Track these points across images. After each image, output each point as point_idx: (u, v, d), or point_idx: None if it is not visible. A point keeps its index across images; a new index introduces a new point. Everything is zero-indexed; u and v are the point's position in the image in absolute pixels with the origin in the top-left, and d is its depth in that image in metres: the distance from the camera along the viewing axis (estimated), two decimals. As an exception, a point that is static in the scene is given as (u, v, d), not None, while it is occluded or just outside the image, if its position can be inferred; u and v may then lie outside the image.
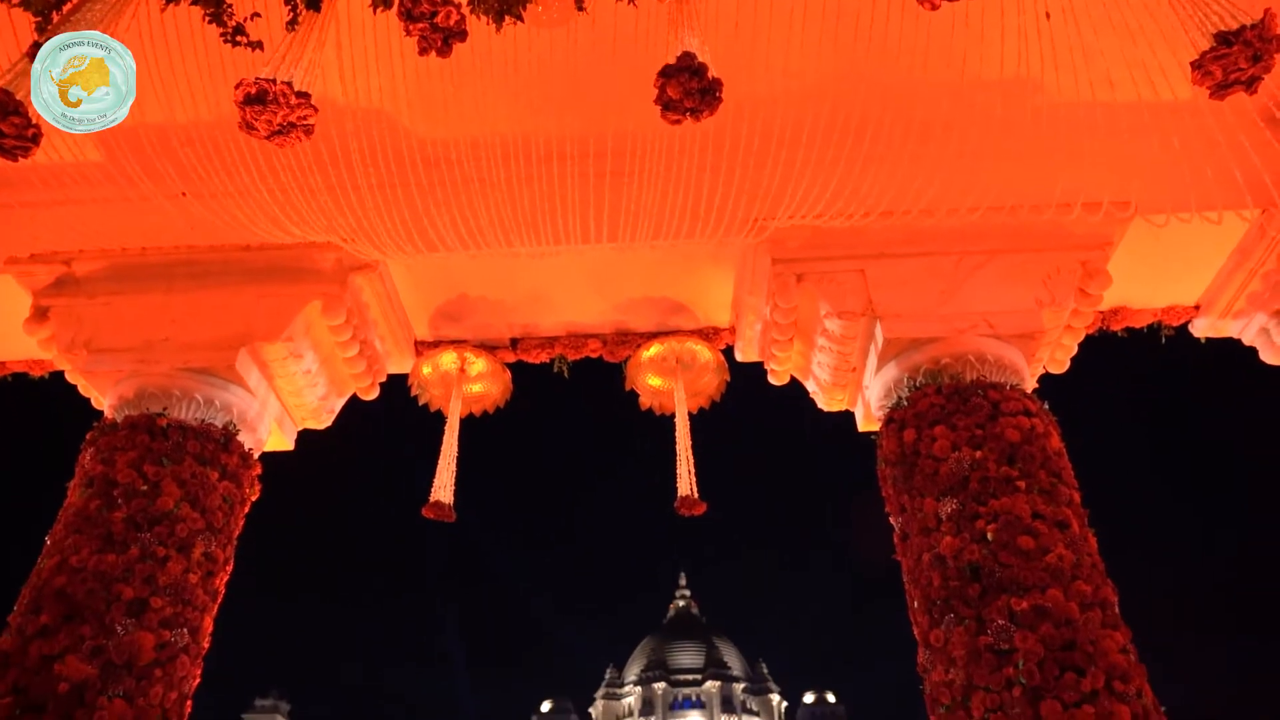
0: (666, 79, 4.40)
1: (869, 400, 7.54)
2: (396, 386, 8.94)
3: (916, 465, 6.41)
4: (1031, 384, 7.16)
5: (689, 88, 4.37)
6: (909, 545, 6.31)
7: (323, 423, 8.49)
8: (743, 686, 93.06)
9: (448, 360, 8.86)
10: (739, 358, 8.77)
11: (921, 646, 6.02)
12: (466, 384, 8.98)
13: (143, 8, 4.98)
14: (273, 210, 6.38)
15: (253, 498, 7.40)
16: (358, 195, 6.70)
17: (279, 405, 7.97)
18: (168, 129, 6.15)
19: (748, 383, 9.01)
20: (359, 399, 8.65)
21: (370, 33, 5.78)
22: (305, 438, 8.61)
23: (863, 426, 8.05)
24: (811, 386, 8.26)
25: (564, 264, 7.99)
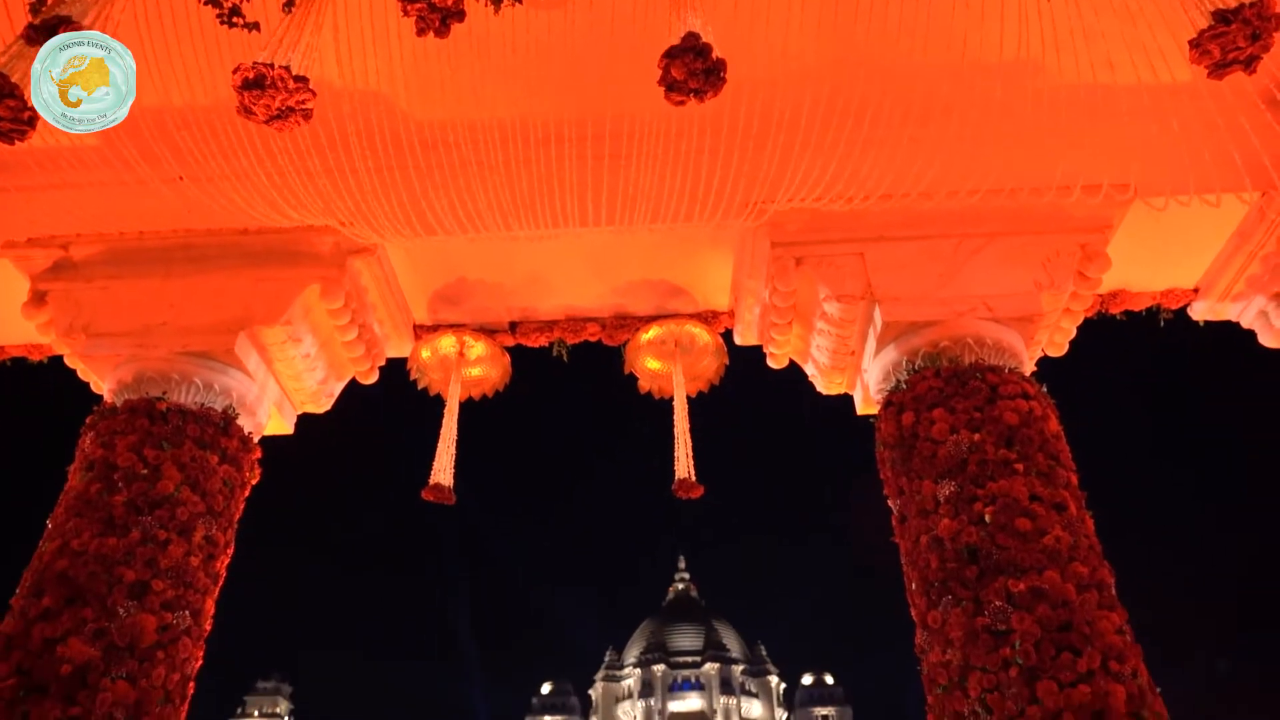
0: (671, 59, 4.36)
1: (868, 383, 7.54)
2: (395, 370, 8.94)
3: (915, 448, 6.42)
4: (1030, 367, 7.15)
5: (694, 68, 4.33)
6: (907, 527, 6.34)
7: (322, 406, 8.50)
8: (741, 668, 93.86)
9: (447, 344, 8.86)
10: (738, 341, 8.76)
11: (919, 628, 6.05)
12: (465, 368, 8.98)
13: (138, -11, 4.95)
14: (270, 194, 6.36)
15: (253, 481, 7.41)
16: (355, 178, 6.67)
17: (278, 389, 7.97)
18: (164, 112, 6.11)
19: (746, 366, 9.03)
20: (358, 383, 8.66)
21: (367, 14, 5.75)
22: (305, 421, 8.63)
23: (861, 410, 8.07)
24: (810, 370, 8.27)
25: (563, 247, 7.97)
